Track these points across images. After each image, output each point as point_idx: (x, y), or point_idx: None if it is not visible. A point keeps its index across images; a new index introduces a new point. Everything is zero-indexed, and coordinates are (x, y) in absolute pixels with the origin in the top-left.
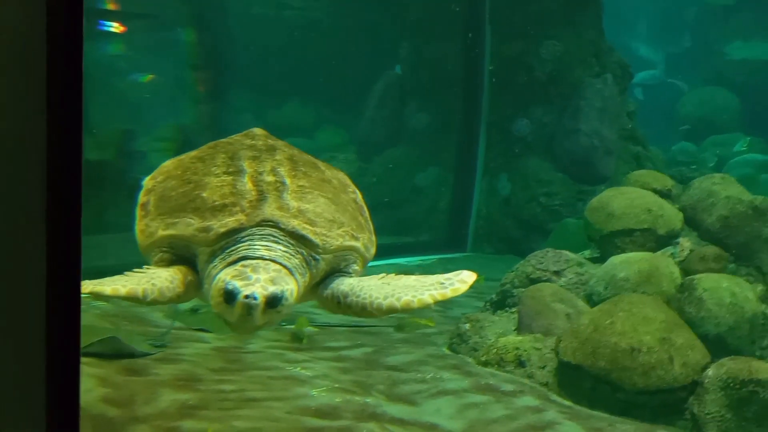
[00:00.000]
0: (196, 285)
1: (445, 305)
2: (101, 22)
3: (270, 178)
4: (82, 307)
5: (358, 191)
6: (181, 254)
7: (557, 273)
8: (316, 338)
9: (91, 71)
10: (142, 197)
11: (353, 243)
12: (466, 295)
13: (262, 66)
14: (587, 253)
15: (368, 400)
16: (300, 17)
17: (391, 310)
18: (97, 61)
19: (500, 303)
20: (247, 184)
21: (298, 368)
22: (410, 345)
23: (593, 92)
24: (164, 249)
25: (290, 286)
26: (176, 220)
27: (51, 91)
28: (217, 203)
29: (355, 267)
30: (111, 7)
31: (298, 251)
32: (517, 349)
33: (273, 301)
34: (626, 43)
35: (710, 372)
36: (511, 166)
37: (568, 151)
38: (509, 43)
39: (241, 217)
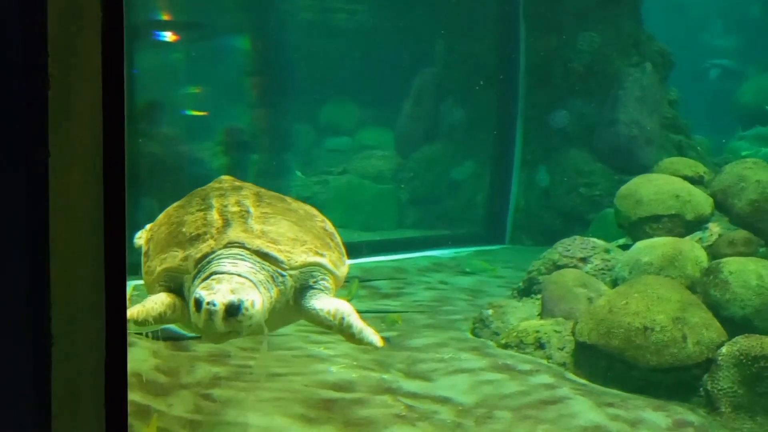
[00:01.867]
0: (182, 308)
1: (474, 294)
2: (156, 32)
3: (235, 209)
4: None
5: (327, 221)
6: (174, 285)
7: (583, 260)
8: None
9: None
10: (144, 246)
11: (318, 259)
12: (496, 284)
13: (308, 69)
14: (622, 241)
15: (385, 377)
16: (343, 21)
17: (369, 344)
18: (156, 69)
19: (526, 290)
20: (215, 216)
21: (321, 348)
22: (434, 329)
23: (632, 82)
24: (161, 283)
25: (252, 297)
26: (166, 255)
27: (105, 96)
28: (193, 234)
29: (326, 284)
30: (165, 17)
31: (263, 267)
32: (537, 332)
33: (231, 309)
34: (695, 34)
35: (724, 349)
36: (550, 158)
37: (608, 142)
38: (545, 37)
39: (211, 242)
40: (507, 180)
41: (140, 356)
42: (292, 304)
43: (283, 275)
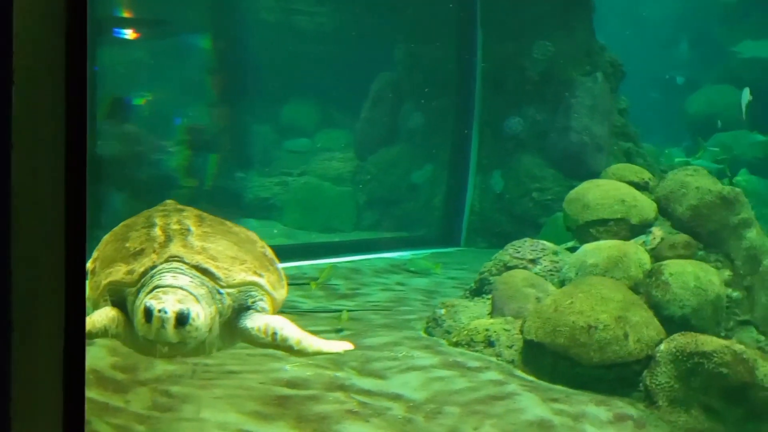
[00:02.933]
0: (125, 324)
1: (429, 295)
2: (119, 30)
3: (176, 226)
4: None
5: (267, 247)
6: (118, 300)
7: (533, 261)
8: (297, 323)
9: (106, 77)
10: (89, 266)
11: (256, 278)
12: (451, 285)
13: (269, 70)
14: (571, 243)
15: (339, 374)
16: (305, 22)
17: (319, 352)
18: (117, 66)
19: (478, 290)
20: (157, 232)
21: None
22: (389, 329)
23: (584, 90)
24: (106, 298)
25: (196, 309)
26: (111, 269)
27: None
28: (136, 249)
29: (263, 305)
30: (128, 14)
31: (203, 283)
32: (487, 330)
33: (181, 317)
34: (633, 44)
35: (662, 347)
36: (505, 163)
37: (560, 148)
38: (501, 44)
39: (153, 256)
40: (463, 184)
41: (98, 354)
42: (229, 325)
43: (221, 293)
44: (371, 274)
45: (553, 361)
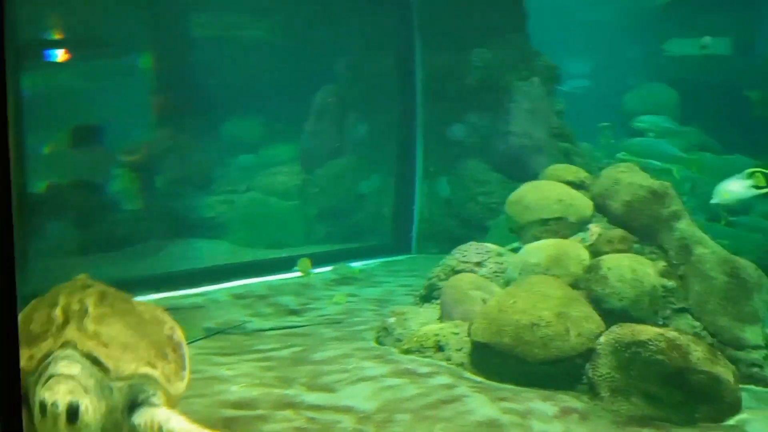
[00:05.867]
0: (28, 415)
1: (381, 304)
2: (49, 52)
3: (76, 306)
4: None
5: (177, 328)
6: (24, 389)
7: (479, 264)
8: (245, 343)
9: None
10: None
11: (148, 371)
12: (402, 293)
13: (211, 85)
14: (515, 244)
15: (287, 392)
16: (245, 37)
17: None
18: (51, 90)
19: (428, 296)
20: (57, 313)
21: (223, 369)
22: (340, 342)
23: (521, 95)
24: None
25: (86, 402)
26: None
27: None
28: (37, 333)
29: (155, 400)
30: (58, 36)
31: (92, 374)
32: (437, 335)
33: (72, 411)
34: (559, 51)
35: (602, 339)
36: (451, 169)
37: (502, 152)
38: (439, 54)
39: (50, 341)
40: (411, 191)
41: None
42: (120, 421)
43: (110, 387)
44: (322, 288)
45: (501, 361)
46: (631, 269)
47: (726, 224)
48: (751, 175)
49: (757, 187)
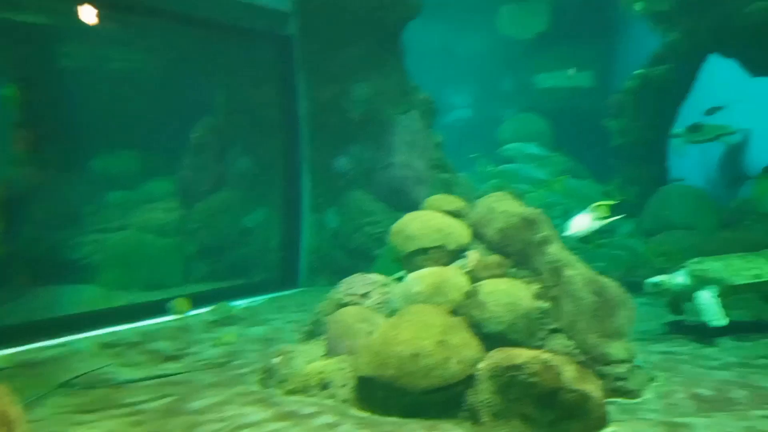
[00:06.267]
0: None
1: (266, 343)
2: None
3: None
4: None
5: (10, 408)
6: None
7: (364, 295)
8: (112, 397)
9: None
10: None
11: None
12: (290, 330)
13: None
14: (401, 274)
15: None
16: (119, 69)
17: None
18: None
19: (314, 332)
20: None
21: (82, 429)
22: (219, 388)
23: (402, 128)
24: None
25: None
26: None
27: None
28: None
29: None
30: None
31: None
32: (321, 372)
33: None
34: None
35: (481, 365)
36: (337, 201)
37: (385, 183)
38: (322, 88)
39: None
40: (297, 224)
41: None
42: None
43: None
44: (201, 330)
45: (385, 394)
46: (507, 293)
47: (595, 247)
48: (596, 208)
49: (602, 218)
